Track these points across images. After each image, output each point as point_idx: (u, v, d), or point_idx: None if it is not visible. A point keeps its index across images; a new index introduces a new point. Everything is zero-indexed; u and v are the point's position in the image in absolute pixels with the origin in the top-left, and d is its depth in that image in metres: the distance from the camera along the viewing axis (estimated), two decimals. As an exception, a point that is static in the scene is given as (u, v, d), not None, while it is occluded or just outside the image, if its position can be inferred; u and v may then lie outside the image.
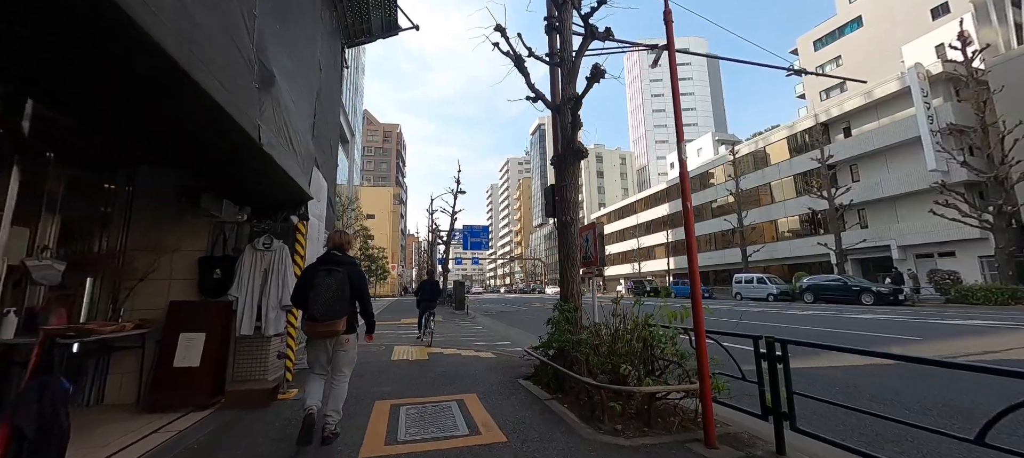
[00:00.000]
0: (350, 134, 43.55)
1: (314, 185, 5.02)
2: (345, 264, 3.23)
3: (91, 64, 2.08)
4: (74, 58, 2.03)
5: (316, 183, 5.13)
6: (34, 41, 1.90)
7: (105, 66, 2.08)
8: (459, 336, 10.41)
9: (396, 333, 10.90)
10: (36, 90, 2.40)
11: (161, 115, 2.65)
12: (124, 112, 2.70)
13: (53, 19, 1.74)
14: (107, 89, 2.37)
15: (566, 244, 5.07)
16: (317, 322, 3.00)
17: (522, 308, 22.87)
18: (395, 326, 12.80)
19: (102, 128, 3.05)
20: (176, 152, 3.55)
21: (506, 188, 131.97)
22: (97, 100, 2.55)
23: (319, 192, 5.35)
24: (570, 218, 5.13)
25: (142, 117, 2.76)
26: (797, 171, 30.62)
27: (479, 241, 35.91)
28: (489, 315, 18.01)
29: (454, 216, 27.74)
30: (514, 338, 9.99)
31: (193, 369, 3.87)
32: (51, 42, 1.91)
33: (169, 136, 3.15)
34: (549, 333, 4.79)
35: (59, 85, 2.35)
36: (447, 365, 6.28)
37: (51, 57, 2.02)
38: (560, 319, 4.60)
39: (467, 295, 18.60)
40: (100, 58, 2.00)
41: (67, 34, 1.85)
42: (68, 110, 2.67)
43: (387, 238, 57.41)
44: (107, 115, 2.81)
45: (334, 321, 3.02)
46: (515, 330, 11.79)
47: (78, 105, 2.65)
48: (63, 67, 2.14)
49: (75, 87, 2.38)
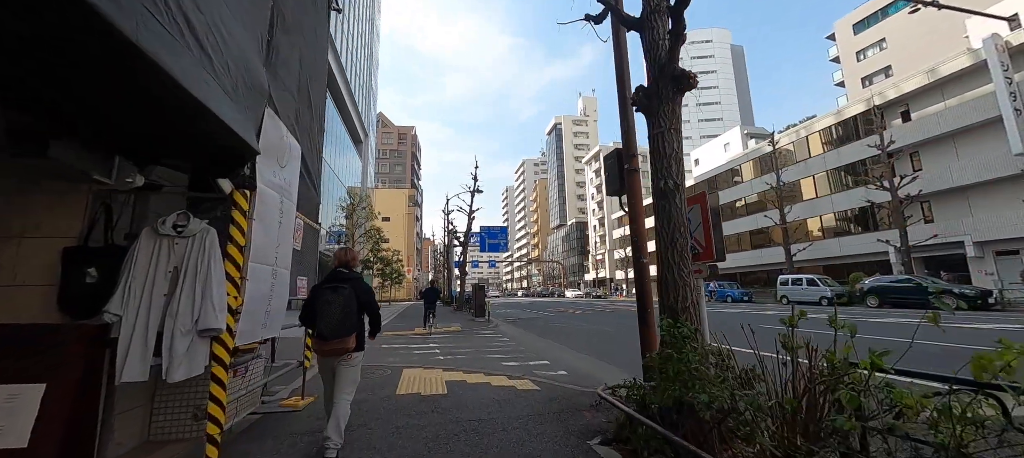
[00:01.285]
0: (364, 134, 42.44)
1: (269, 138, 3.23)
2: (351, 280, 3.22)
3: None
4: None
5: (273, 136, 3.33)
6: None
7: None
8: (483, 352, 8.53)
9: (408, 347, 9.09)
10: None
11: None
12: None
13: None
14: None
15: (668, 223, 3.15)
16: (326, 341, 3.01)
17: (546, 313, 20.89)
18: (407, 338, 10.99)
19: None
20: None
21: (522, 190, 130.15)
22: None
23: (280, 152, 3.54)
24: (673, 183, 3.22)
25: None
26: (846, 161, 27.83)
27: (497, 242, 34.09)
28: (513, 322, 16.11)
29: (471, 215, 25.99)
30: (553, 356, 8.05)
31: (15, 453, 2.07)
32: None
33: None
34: (656, 374, 2.83)
35: None
36: (474, 405, 4.39)
37: None
38: (674, 356, 2.62)
39: (489, 303, 16.69)
40: None
41: None
42: None
43: (402, 241, 56.19)
44: None
45: (344, 339, 3.03)
46: (549, 343, 9.86)
47: None
48: None
49: None
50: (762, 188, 33.75)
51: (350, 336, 3.06)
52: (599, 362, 7.42)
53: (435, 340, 10.52)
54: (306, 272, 4.66)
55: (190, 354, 2.56)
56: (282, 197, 3.62)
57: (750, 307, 22.41)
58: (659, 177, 3.26)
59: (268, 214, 3.32)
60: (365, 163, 42.15)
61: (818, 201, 30.00)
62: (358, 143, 40.78)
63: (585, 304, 33.06)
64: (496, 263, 77.86)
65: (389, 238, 52.63)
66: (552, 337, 11.15)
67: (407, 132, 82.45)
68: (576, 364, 7.21)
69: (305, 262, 4.63)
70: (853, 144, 27.69)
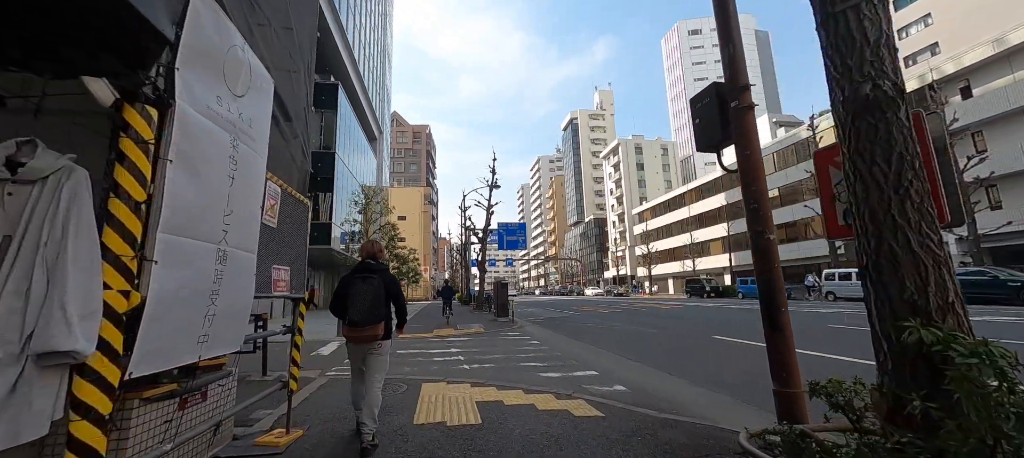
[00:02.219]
0: (378, 131, 41.72)
1: (205, 36, 2.01)
2: (379, 271, 3.29)
3: None
4: None
5: (212, 34, 2.09)
6: None
7: None
8: (514, 358, 7.24)
9: (426, 353, 7.87)
10: None
11: None
12: None
13: None
14: None
15: (888, 154, 1.79)
16: (359, 327, 3.09)
17: (572, 312, 19.50)
18: (425, 342, 9.78)
19: None
20: None
21: (537, 187, 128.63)
22: None
23: (232, 69, 2.30)
24: (891, 84, 1.85)
25: None
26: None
27: (516, 239, 32.80)
28: (539, 323, 14.79)
29: (490, 210, 24.76)
30: (599, 365, 6.70)
31: None
32: None
33: None
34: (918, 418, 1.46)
35: None
36: (521, 445, 3.09)
37: None
38: (986, 390, 1.23)
39: (513, 301, 15.42)
40: None
41: None
42: None
43: (418, 239, 55.47)
44: None
45: (374, 326, 3.10)
46: (587, 348, 8.51)
47: None
48: None
49: None
50: (800, 177, 31.58)
51: (380, 323, 3.13)
52: (659, 373, 6.05)
53: (457, 343, 9.29)
54: (289, 260, 3.43)
55: (16, 400, 1.32)
56: (236, 139, 2.37)
57: (796, 305, 20.56)
58: (855, 80, 1.90)
59: (205, 158, 2.07)
60: (380, 161, 41.38)
61: (863, 189, 27.72)
62: (372, 140, 40.05)
63: (609, 302, 31.50)
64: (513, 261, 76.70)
65: (405, 238, 51.96)
66: (588, 339, 9.79)
67: (421, 130, 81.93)
68: (632, 376, 5.85)
69: (286, 245, 3.39)
70: (903, 126, 25.38)
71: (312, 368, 6.33)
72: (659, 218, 54.28)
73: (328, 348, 8.44)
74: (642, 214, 58.98)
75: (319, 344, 8.94)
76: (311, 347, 8.41)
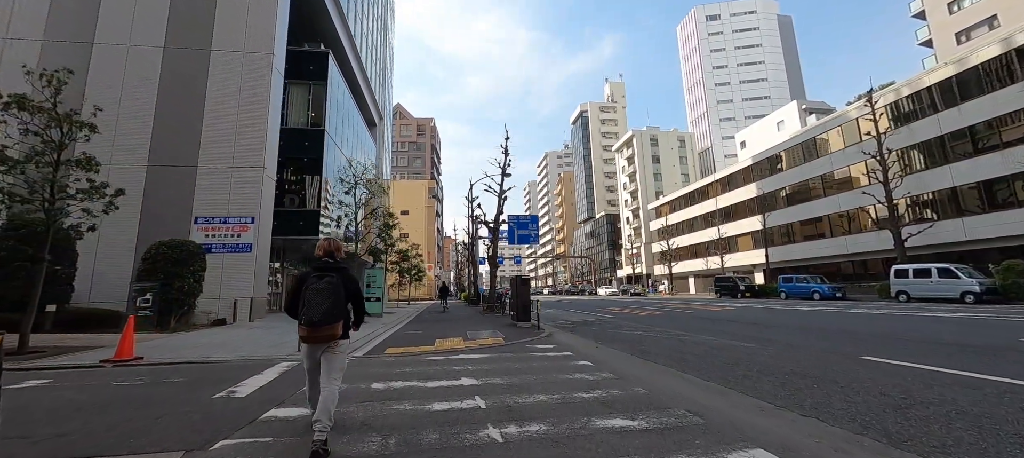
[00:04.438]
0: (378, 117, 38.68)
1: None
2: (338, 269, 3.18)
3: None
4: None
5: None
6: None
7: None
8: (573, 404, 4.00)
9: (421, 389, 4.64)
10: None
11: None
12: None
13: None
14: None
15: None
16: (316, 328, 2.96)
17: (601, 315, 16.24)
18: (421, 362, 6.55)
19: None
20: None
21: (545, 184, 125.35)
22: None
23: None
24: None
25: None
26: (972, 121, 21.97)
27: (527, 233, 29.43)
28: (568, 329, 11.58)
29: (502, 196, 21.56)
30: (744, 423, 3.42)
31: None
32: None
33: None
34: None
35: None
36: None
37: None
38: None
39: (535, 300, 12.16)
40: None
41: None
42: None
43: (422, 235, 52.41)
44: None
45: (332, 325, 3.01)
46: (674, 377, 5.29)
47: None
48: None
49: None
50: (851, 160, 28.01)
51: (338, 323, 3.05)
52: (879, 444, 2.79)
53: (469, 365, 6.10)
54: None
55: None
56: None
57: (861, 307, 17.09)
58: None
59: None
60: (380, 149, 38.34)
61: (930, 173, 24.16)
62: (372, 127, 37.03)
63: (632, 302, 28.18)
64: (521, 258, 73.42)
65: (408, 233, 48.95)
66: (660, 358, 6.55)
67: (426, 123, 78.93)
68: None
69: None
70: (980, 100, 21.85)
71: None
72: (678, 212, 50.75)
73: (261, 378, 5.28)
74: (659, 209, 55.45)
75: (246, 369, 5.77)
76: (228, 374, 5.26)
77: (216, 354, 7.18)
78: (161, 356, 6.91)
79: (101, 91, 13.73)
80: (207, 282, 12.58)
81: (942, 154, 23.64)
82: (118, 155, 13.29)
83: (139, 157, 13.42)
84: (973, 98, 22.01)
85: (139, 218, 13.00)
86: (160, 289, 10.40)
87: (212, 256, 13.04)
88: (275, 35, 15.06)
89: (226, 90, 14.25)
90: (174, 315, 10.75)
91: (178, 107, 13.92)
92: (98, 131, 7.77)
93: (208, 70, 14.28)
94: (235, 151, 13.85)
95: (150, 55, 14.15)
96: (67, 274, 10.61)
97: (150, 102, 13.81)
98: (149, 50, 14.19)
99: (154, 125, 13.70)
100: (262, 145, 13.98)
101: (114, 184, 13.41)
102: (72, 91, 11.55)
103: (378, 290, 17.45)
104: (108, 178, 13.43)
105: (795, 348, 7.24)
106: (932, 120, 23.91)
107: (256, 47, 14.75)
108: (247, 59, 14.60)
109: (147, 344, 8.19)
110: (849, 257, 28.98)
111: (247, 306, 12.85)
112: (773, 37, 69.82)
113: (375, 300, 17.21)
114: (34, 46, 13.57)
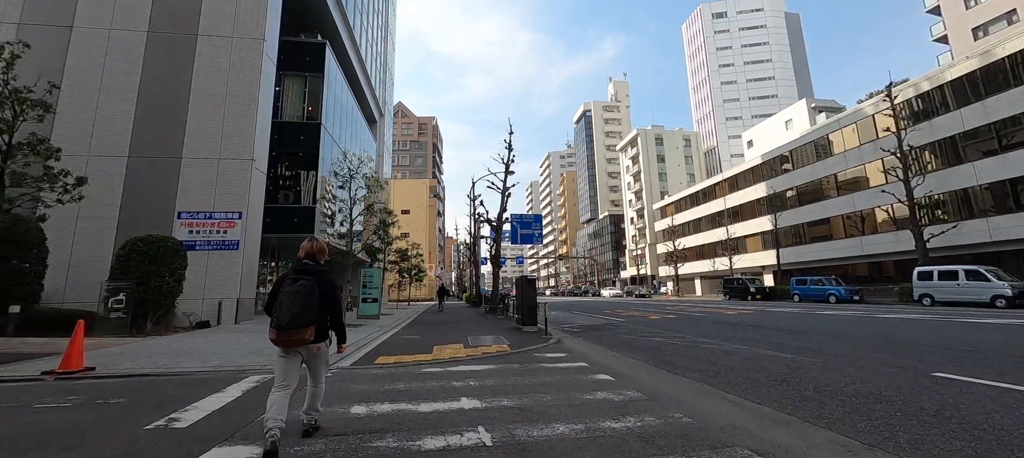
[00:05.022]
0: (379, 114, 37.86)
1: None
2: (315, 273, 3.10)
3: None
4: None
5: None
6: None
7: None
8: (599, 433, 3.12)
9: (412, 415, 3.74)
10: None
11: None
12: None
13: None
14: None
15: None
16: (283, 331, 2.88)
17: (610, 318, 15.33)
18: (416, 376, 5.68)
19: None
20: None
21: (548, 184, 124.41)
22: None
23: None
24: None
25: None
26: (999, 116, 20.97)
27: (531, 233, 28.49)
28: (577, 334, 10.68)
29: (506, 192, 20.69)
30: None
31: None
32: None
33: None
34: None
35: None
36: None
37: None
38: None
39: (543, 305, 11.25)
40: None
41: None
42: None
43: (423, 234, 51.57)
44: None
45: (301, 330, 2.90)
46: (719, 398, 4.40)
47: None
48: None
49: None
50: (868, 158, 27.02)
51: (309, 328, 2.94)
52: None
53: (470, 381, 5.23)
54: None
55: None
56: None
57: (887, 311, 16.13)
58: None
59: None
60: (380, 146, 37.52)
61: (953, 170, 23.14)
62: (372, 123, 36.21)
63: (638, 304, 27.25)
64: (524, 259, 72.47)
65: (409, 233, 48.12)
66: (694, 373, 5.65)
67: (428, 122, 78.14)
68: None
69: None
70: (1009, 93, 20.87)
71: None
72: (684, 213, 49.75)
73: (220, 397, 4.40)
74: (665, 209, 54.45)
75: (206, 385, 4.90)
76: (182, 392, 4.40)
77: (184, 363, 6.32)
78: (117, 366, 6.05)
79: (80, 77, 12.92)
80: (190, 282, 11.74)
81: (964, 151, 22.64)
82: (98, 145, 12.46)
83: (119, 147, 12.59)
84: (1000, 92, 21.02)
85: (118, 212, 12.16)
86: (135, 289, 9.54)
87: (196, 254, 12.20)
88: (266, 18, 14.22)
89: (214, 77, 13.41)
90: (150, 317, 9.90)
91: (162, 95, 13.09)
92: (52, 110, 6.91)
93: (195, 55, 13.44)
94: (222, 142, 13.01)
95: (133, 39, 13.32)
96: (35, 272, 9.74)
97: (132, 89, 12.98)
98: (132, 34, 13.37)
99: (136, 114, 12.87)
100: (251, 135, 13.13)
101: (93, 176, 12.64)
102: (50, 77, 10.76)
103: (375, 290, 16.53)
104: (87, 169, 12.69)
105: (842, 359, 6.33)
106: (954, 116, 22.92)
107: (246, 31, 13.91)
108: (236, 44, 13.76)
109: (109, 352, 7.33)
110: (863, 259, 27.97)
111: (233, 307, 11.99)
112: (780, 35, 68.68)
113: (371, 301, 16.32)
114: (10, 29, 12.77)
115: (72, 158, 11.30)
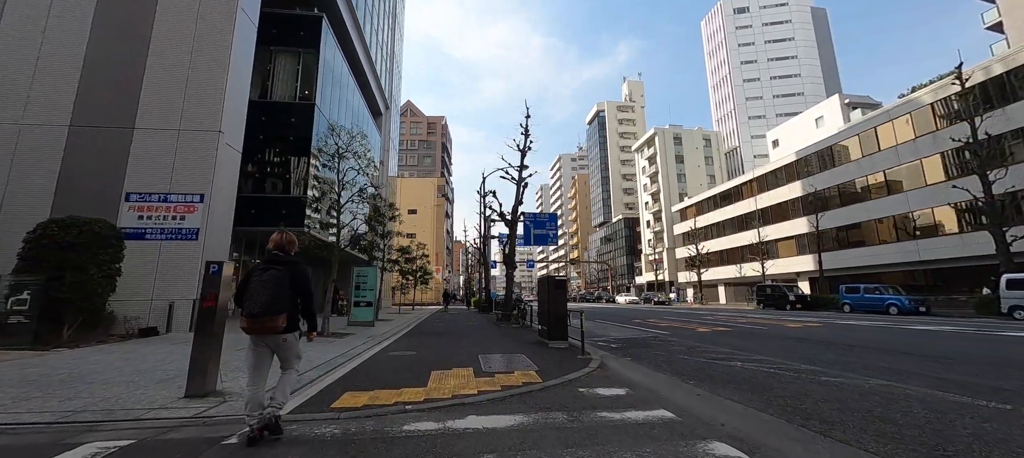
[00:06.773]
0: (384, 106, 35.80)
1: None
2: (285, 263, 3.17)
3: None
4: None
5: None
6: None
7: None
8: None
9: None
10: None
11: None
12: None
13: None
14: None
15: None
16: (255, 319, 2.95)
17: (645, 331, 12.77)
18: (406, 413, 3.20)
19: None
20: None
21: (559, 187, 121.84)
22: None
23: None
24: None
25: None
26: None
27: (545, 233, 26.00)
28: (617, 352, 8.20)
29: (522, 182, 18.28)
30: None
31: None
32: None
33: None
34: None
35: None
36: None
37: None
38: None
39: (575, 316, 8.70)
40: None
41: None
42: None
43: (430, 235, 49.35)
44: None
45: (273, 318, 2.96)
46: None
47: None
48: None
49: None
50: (917, 154, 24.07)
51: (280, 316, 3.01)
52: None
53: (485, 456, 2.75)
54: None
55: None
56: None
57: (980, 325, 13.23)
58: None
59: None
60: (386, 140, 35.43)
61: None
62: (377, 116, 34.16)
63: (666, 312, 24.57)
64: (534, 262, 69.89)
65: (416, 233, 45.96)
66: (858, 431, 3.10)
67: (437, 122, 76.22)
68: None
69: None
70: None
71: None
72: (706, 215, 46.81)
73: None
74: (684, 211, 51.54)
75: None
76: None
77: (43, 404, 3.97)
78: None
79: (16, 32, 10.81)
80: (136, 278, 9.48)
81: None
82: (33, 112, 10.32)
83: (60, 115, 10.42)
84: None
85: (53, 192, 9.96)
86: (44, 286, 7.28)
87: (146, 244, 9.95)
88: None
89: (178, 33, 11.23)
90: (69, 323, 7.62)
91: (115, 53, 10.92)
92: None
93: (156, 7, 11.29)
94: (184, 110, 10.78)
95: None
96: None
97: (79, 47, 10.84)
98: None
99: (82, 75, 10.71)
100: (219, 101, 10.89)
101: (24, 147, 10.52)
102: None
103: (370, 293, 14.16)
104: (18, 141, 10.57)
105: None
106: (1006, 113, 19.95)
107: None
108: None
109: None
110: (920, 265, 24.92)
111: (189, 311, 9.68)
112: (807, 30, 65.43)
113: (365, 305, 13.95)
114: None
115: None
